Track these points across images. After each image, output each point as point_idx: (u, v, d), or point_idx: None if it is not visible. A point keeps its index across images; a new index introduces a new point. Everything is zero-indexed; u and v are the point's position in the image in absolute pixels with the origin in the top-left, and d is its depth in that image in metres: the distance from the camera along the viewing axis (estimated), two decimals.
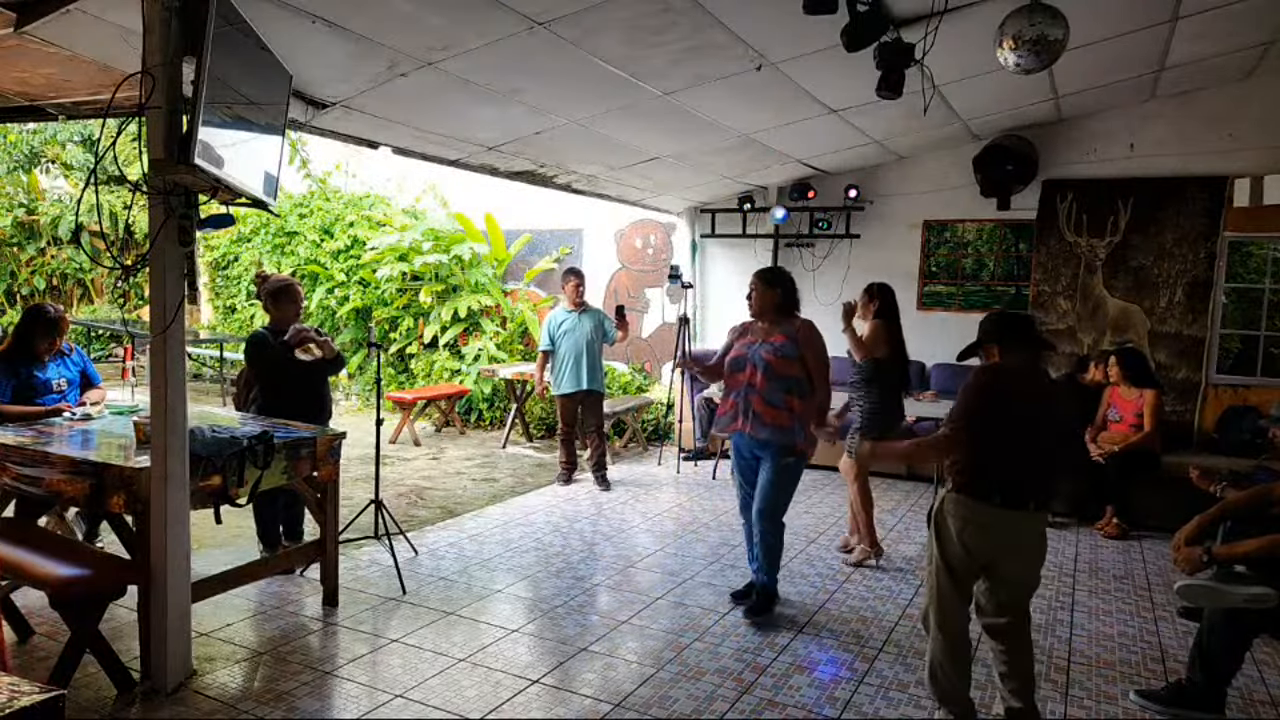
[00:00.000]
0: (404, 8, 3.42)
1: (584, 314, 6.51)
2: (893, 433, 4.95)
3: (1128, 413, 5.72)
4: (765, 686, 3.37)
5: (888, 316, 4.79)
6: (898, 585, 4.56)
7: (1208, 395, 6.47)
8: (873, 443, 3.50)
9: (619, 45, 4.02)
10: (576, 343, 6.42)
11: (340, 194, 10.91)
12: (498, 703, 3.16)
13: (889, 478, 6.93)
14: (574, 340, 6.43)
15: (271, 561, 4.14)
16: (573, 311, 6.50)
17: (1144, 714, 3.22)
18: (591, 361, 6.45)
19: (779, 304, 4.06)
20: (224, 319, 11.71)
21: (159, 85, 2.79)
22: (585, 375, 6.42)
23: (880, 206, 7.62)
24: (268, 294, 4.45)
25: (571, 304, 6.52)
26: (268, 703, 3.11)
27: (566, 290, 6.53)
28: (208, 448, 3.27)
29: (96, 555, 3.46)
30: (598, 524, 5.59)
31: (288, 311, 4.43)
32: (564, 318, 6.52)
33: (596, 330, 6.50)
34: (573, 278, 6.53)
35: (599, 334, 6.52)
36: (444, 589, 4.32)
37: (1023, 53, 3.62)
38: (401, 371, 9.86)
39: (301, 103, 4.29)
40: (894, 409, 4.90)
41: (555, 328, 6.52)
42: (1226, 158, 6.35)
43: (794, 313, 4.10)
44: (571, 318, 6.49)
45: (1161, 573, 4.86)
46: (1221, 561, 2.96)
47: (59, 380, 4.41)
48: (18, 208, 12.28)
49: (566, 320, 6.49)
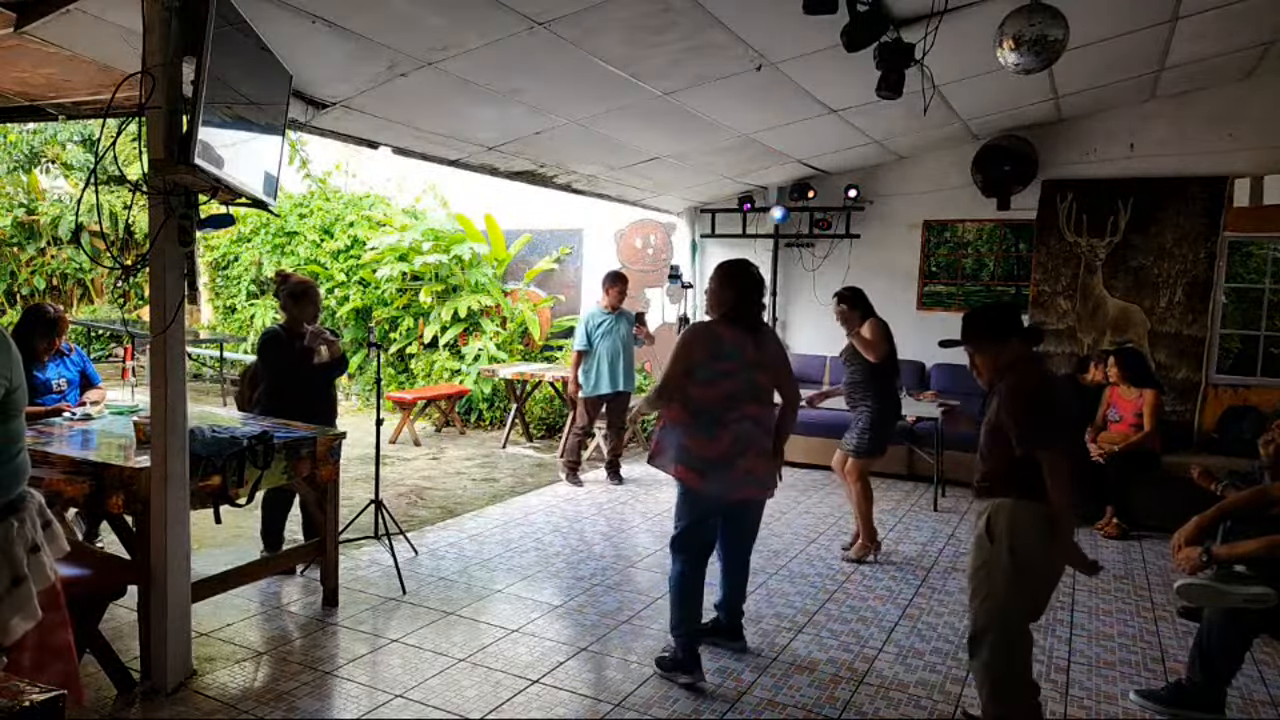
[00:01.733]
0: (404, 8, 3.43)
1: (620, 317, 6.59)
2: (892, 430, 4.98)
3: (1127, 413, 5.72)
4: (765, 686, 3.37)
5: (875, 315, 4.81)
6: (898, 585, 4.56)
7: (1208, 395, 6.47)
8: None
9: (619, 45, 4.02)
10: (614, 343, 6.52)
11: (340, 194, 10.91)
12: (498, 703, 3.16)
13: (889, 478, 6.93)
14: (612, 341, 6.51)
15: (271, 561, 4.14)
16: (610, 313, 6.56)
17: (1144, 714, 3.22)
18: (628, 362, 6.58)
19: None
20: (224, 319, 11.71)
21: (159, 85, 2.79)
22: (622, 376, 6.54)
23: (880, 206, 7.62)
24: (288, 294, 4.44)
25: (610, 306, 6.57)
26: (268, 703, 3.11)
27: (610, 294, 6.54)
28: (208, 448, 3.27)
29: (96, 555, 3.47)
30: (598, 524, 5.59)
31: (307, 312, 4.43)
32: (602, 318, 6.57)
33: (630, 331, 6.60)
34: (618, 283, 6.54)
35: (631, 338, 6.62)
36: (444, 589, 4.32)
37: (1023, 53, 3.62)
38: (401, 371, 9.86)
39: (301, 103, 4.29)
40: (897, 408, 4.96)
41: (594, 328, 6.55)
42: (1226, 158, 6.34)
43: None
44: (610, 319, 6.55)
45: (1161, 573, 4.86)
46: (1221, 561, 2.97)
47: (59, 380, 4.41)
48: (18, 208, 12.28)
49: (605, 321, 6.55)
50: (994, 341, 2.81)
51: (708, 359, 3.28)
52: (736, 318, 3.37)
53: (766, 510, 3.69)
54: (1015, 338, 2.79)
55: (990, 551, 2.67)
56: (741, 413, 3.30)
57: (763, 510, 3.63)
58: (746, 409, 3.32)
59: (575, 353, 6.65)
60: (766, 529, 5.43)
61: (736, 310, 3.38)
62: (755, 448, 3.34)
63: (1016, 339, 2.80)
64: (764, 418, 3.41)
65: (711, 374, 3.28)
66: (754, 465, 3.33)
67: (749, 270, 3.47)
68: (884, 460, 6.81)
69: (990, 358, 2.82)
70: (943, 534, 5.53)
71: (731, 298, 3.39)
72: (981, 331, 2.84)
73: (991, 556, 2.66)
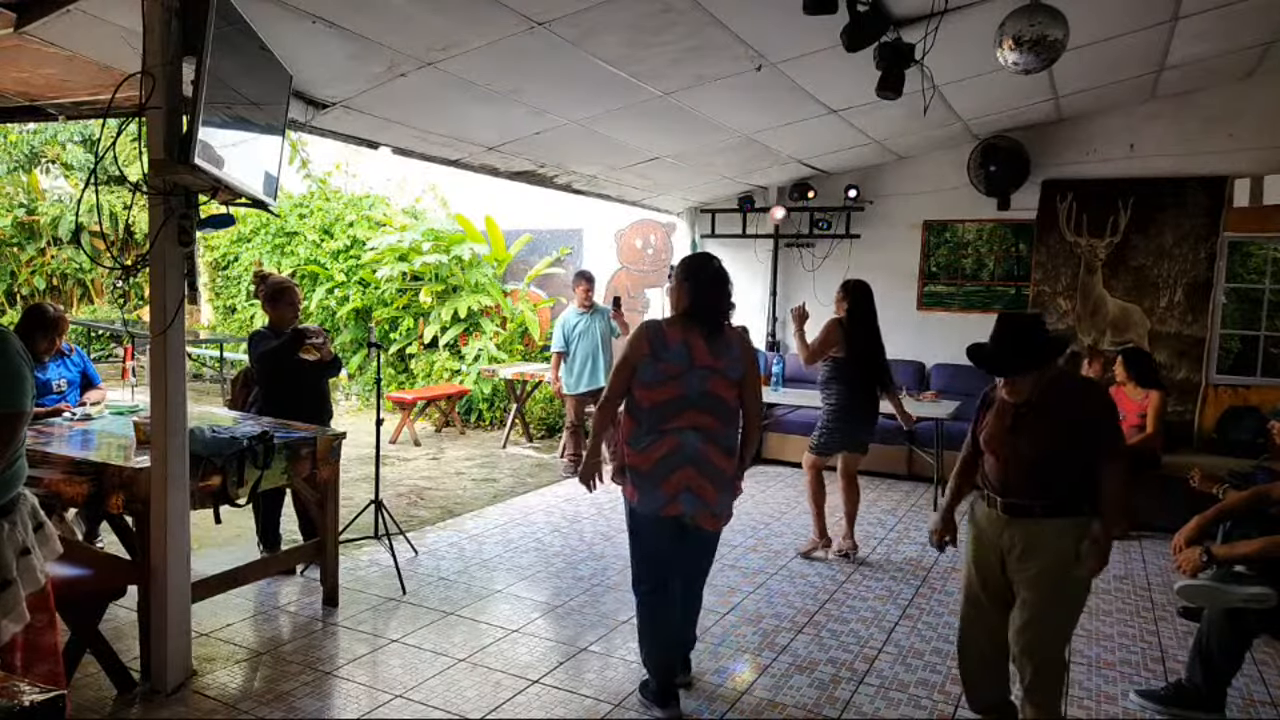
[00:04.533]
0: (404, 8, 3.42)
1: (594, 314, 6.82)
2: (862, 433, 4.92)
3: (1131, 413, 5.71)
4: (765, 686, 3.37)
5: (852, 315, 4.80)
6: (898, 585, 4.56)
7: (1208, 395, 6.47)
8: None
9: (619, 45, 4.02)
10: (590, 343, 6.75)
11: (340, 194, 10.91)
12: (498, 703, 3.16)
13: (889, 478, 6.93)
14: (589, 341, 6.75)
15: (271, 561, 4.14)
16: (584, 313, 6.79)
17: (1144, 714, 3.22)
18: (607, 360, 6.73)
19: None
20: (224, 319, 11.71)
21: (159, 85, 2.79)
22: (601, 373, 6.71)
23: (880, 206, 7.61)
24: (266, 295, 4.45)
25: (581, 305, 6.80)
26: (268, 703, 3.11)
27: (577, 293, 6.83)
28: (208, 448, 3.27)
29: (96, 555, 3.47)
30: (598, 524, 5.59)
31: (285, 313, 4.43)
32: (576, 320, 6.81)
33: (607, 329, 6.81)
34: (583, 281, 6.84)
35: (609, 332, 6.82)
36: (444, 589, 4.32)
37: (1023, 53, 3.62)
38: (401, 371, 9.86)
39: (301, 103, 4.29)
40: (857, 408, 4.85)
41: (570, 330, 6.80)
42: (1226, 158, 6.34)
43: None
44: (584, 319, 6.78)
45: (1161, 573, 4.86)
46: (1221, 562, 2.97)
47: (59, 381, 4.41)
48: (18, 208, 12.29)
49: (580, 322, 6.79)
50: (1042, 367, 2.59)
51: (649, 358, 2.96)
52: (691, 317, 3.03)
53: (767, 510, 3.67)
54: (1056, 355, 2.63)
55: (1065, 568, 2.58)
56: (684, 422, 2.96)
57: (715, 540, 3.20)
58: (691, 418, 2.96)
59: (554, 354, 6.93)
60: (766, 529, 5.44)
61: (691, 309, 3.03)
62: (698, 465, 2.96)
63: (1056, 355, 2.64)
64: (716, 432, 3.00)
65: (653, 375, 2.96)
66: (695, 483, 2.96)
67: (709, 264, 3.11)
68: (884, 460, 6.89)
69: (1033, 380, 2.59)
70: None
71: (687, 294, 3.04)
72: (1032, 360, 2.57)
73: (1068, 574, 2.59)
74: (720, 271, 3.10)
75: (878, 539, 5.30)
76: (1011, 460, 2.64)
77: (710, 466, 2.99)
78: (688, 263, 3.17)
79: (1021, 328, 2.63)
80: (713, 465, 2.99)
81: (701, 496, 2.98)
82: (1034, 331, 2.61)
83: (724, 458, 3.03)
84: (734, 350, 3.05)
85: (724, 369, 3.01)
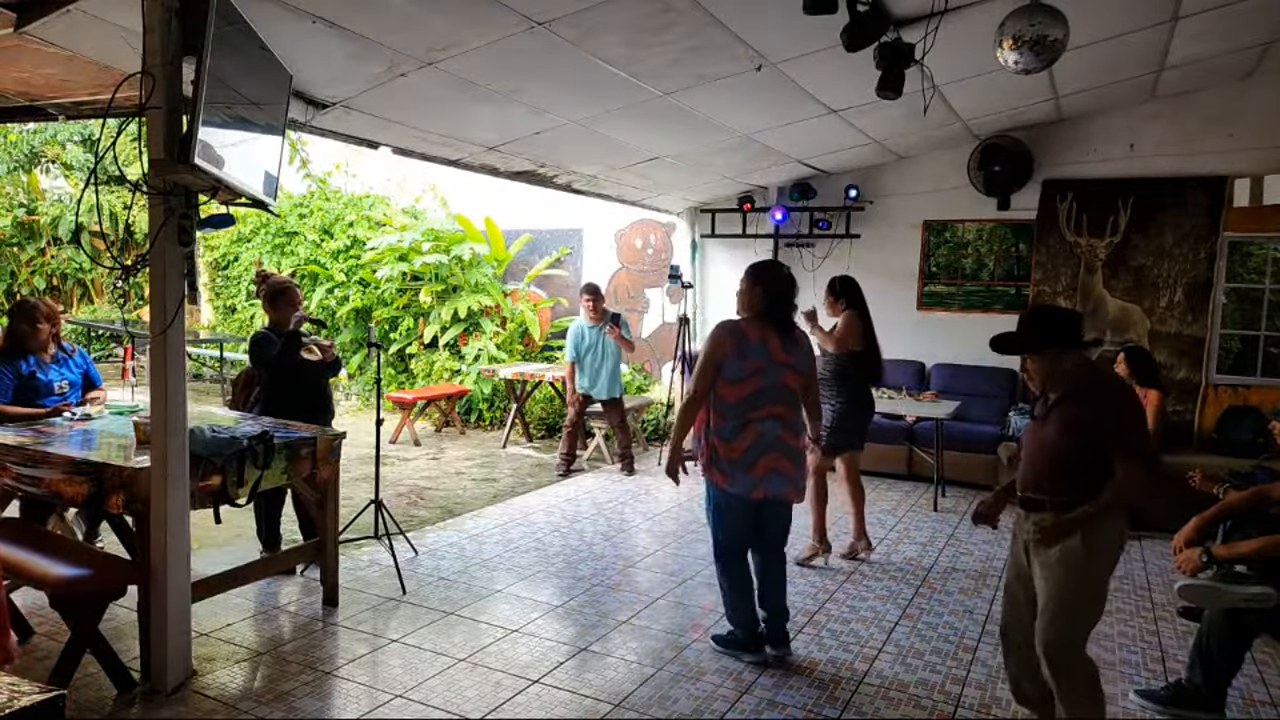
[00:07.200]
0: (404, 8, 3.42)
1: (605, 326, 6.96)
2: (863, 429, 4.92)
3: None
4: (765, 686, 3.37)
5: (857, 309, 4.80)
6: (898, 585, 4.56)
7: (1208, 395, 6.47)
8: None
9: (619, 45, 4.02)
10: (598, 356, 6.97)
11: (340, 194, 10.91)
12: (498, 703, 3.16)
13: (889, 478, 6.93)
14: (597, 354, 6.96)
15: (271, 561, 4.14)
16: (593, 326, 6.96)
17: (1144, 714, 3.22)
18: (614, 370, 6.98)
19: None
20: (224, 319, 11.71)
21: (159, 85, 2.79)
22: (607, 385, 6.96)
23: (880, 206, 7.61)
24: (267, 295, 4.45)
25: (590, 318, 6.97)
26: (268, 703, 3.11)
27: (584, 307, 7.00)
28: (208, 448, 3.27)
29: (96, 555, 3.47)
30: (598, 524, 5.59)
31: (285, 314, 4.43)
32: (586, 333, 6.99)
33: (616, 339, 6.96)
34: (587, 295, 6.98)
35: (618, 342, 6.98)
36: (444, 589, 4.32)
37: (1023, 53, 3.62)
38: (401, 371, 9.86)
39: (301, 103, 4.29)
40: (865, 405, 4.89)
41: (579, 343, 6.99)
42: (1226, 158, 6.34)
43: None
44: (593, 332, 6.96)
45: (1161, 573, 4.86)
46: (1221, 562, 2.97)
47: (61, 382, 4.40)
48: (18, 208, 12.29)
49: (589, 335, 6.97)
50: (1061, 346, 2.62)
51: (734, 356, 3.34)
52: (766, 317, 3.42)
53: None
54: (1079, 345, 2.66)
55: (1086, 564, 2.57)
56: (764, 412, 3.35)
57: (790, 512, 3.62)
58: (771, 409, 3.37)
59: (568, 364, 7.13)
60: None
61: (767, 310, 3.43)
62: (779, 448, 3.38)
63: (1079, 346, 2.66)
64: (789, 418, 3.44)
65: (738, 372, 3.33)
66: (779, 464, 3.39)
67: (778, 270, 3.52)
68: (884, 460, 6.89)
69: (1050, 362, 2.63)
70: (943, 534, 5.53)
71: (760, 297, 3.44)
72: (1050, 336, 2.62)
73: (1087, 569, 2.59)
74: (790, 277, 3.51)
75: (878, 539, 5.29)
76: (1034, 453, 2.70)
77: (788, 447, 3.43)
78: (759, 269, 3.53)
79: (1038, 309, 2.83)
80: (790, 445, 3.44)
81: (784, 474, 3.42)
82: (1047, 312, 2.75)
83: (796, 438, 3.49)
84: (802, 347, 3.52)
85: (795, 364, 3.45)
